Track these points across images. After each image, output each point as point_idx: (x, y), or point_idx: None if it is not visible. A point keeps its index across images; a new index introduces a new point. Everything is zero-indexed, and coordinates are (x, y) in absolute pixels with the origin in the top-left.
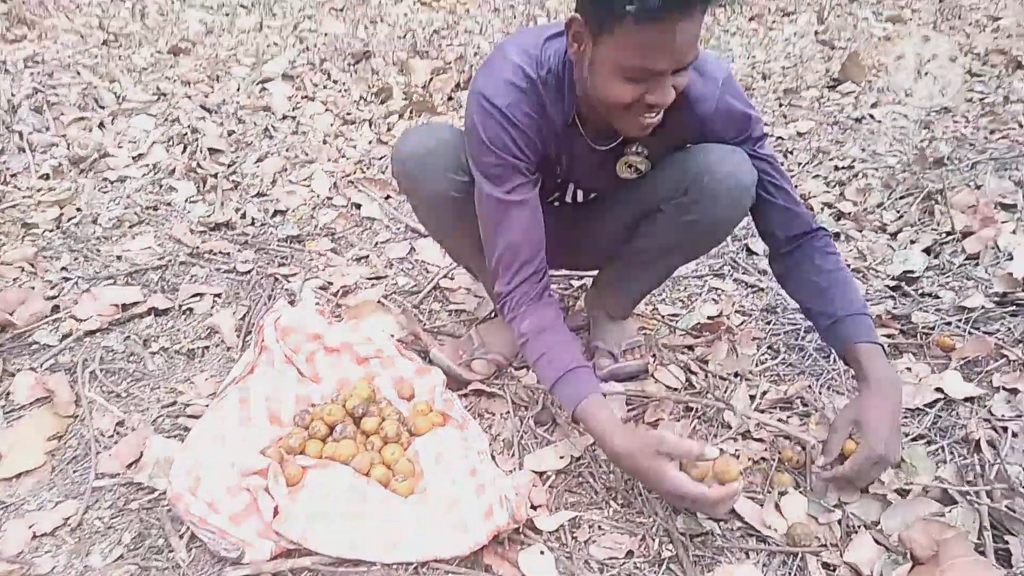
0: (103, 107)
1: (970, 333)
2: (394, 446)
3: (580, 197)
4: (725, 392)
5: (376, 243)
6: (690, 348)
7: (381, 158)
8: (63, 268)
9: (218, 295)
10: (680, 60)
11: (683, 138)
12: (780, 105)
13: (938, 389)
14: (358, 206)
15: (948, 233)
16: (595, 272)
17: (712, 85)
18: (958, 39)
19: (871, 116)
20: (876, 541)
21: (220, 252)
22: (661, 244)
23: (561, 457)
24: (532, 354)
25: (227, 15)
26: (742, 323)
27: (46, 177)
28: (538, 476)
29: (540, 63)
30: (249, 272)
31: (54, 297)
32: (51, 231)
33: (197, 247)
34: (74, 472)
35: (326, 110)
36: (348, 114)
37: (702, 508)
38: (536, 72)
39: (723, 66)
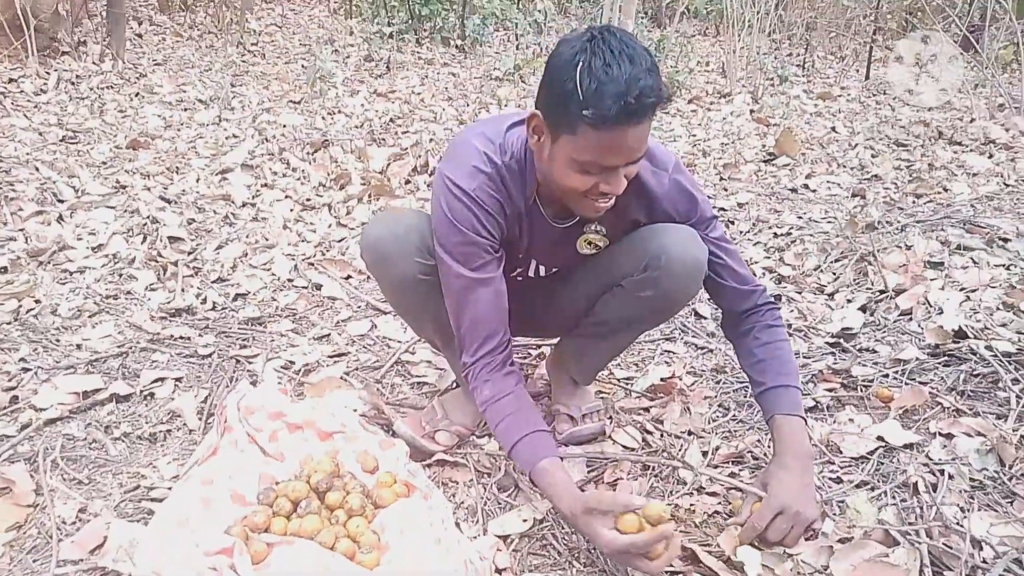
0: (62, 201)
1: (906, 384)
2: (359, 519)
3: (542, 271)
4: (680, 450)
5: (337, 321)
6: (645, 410)
7: (341, 240)
8: (21, 359)
9: (179, 379)
10: (631, 157)
11: (637, 218)
12: (720, 179)
13: (879, 437)
14: (319, 287)
15: (881, 291)
16: (555, 340)
17: (663, 172)
18: (884, 112)
19: (806, 186)
20: None
21: (181, 337)
22: (621, 316)
23: (524, 520)
24: (493, 419)
25: (185, 110)
26: (693, 383)
27: (4, 271)
28: (502, 540)
29: (503, 149)
30: (210, 355)
31: (12, 388)
32: (8, 323)
33: (158, 333)
34: (34, 561)
35: (286, 197)
36: (307, 200)
37: (640, 563)
38: (500, 158)
39: (672, 155)
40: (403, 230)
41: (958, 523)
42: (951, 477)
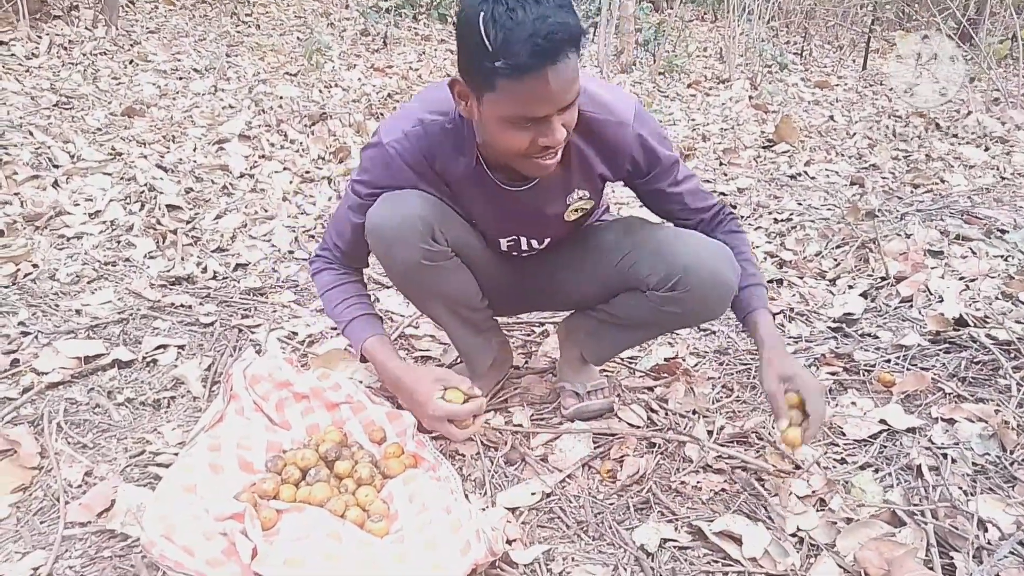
0: (57, 166)
1: (908, 369)
2: (368, 488)
3: (535, 245)
4: (685, 429)
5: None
6: (650, 389)
7: None
8: (20, 323)
9: (182, 347)
10: (561, 102)
11: (603, 172)
12: (720, 164)
13: (882, 421)
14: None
15: (882, 278)
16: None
17: (624, 124)
18: (881, 103)
19: (805, 173)
20: (837, 565)
21: (182, 305)
22: (643, 319)
23: (533, 493)
24: (330, 302)
25: (180, 79)
26: (697, 364)
27: (0, 234)
28: (511, 512)
29: (443, 111)
30: (212, 324)
31: (13, 351)
32: (6, 287)
33: (158, 301)
34: (41, 523)
35: (284, 168)
36: (307, 172)
37: (451, 429)
38: (437, 118)
39: (631, 104)
40: (406, 212)
41: (963, 505)
42: (954, 461)
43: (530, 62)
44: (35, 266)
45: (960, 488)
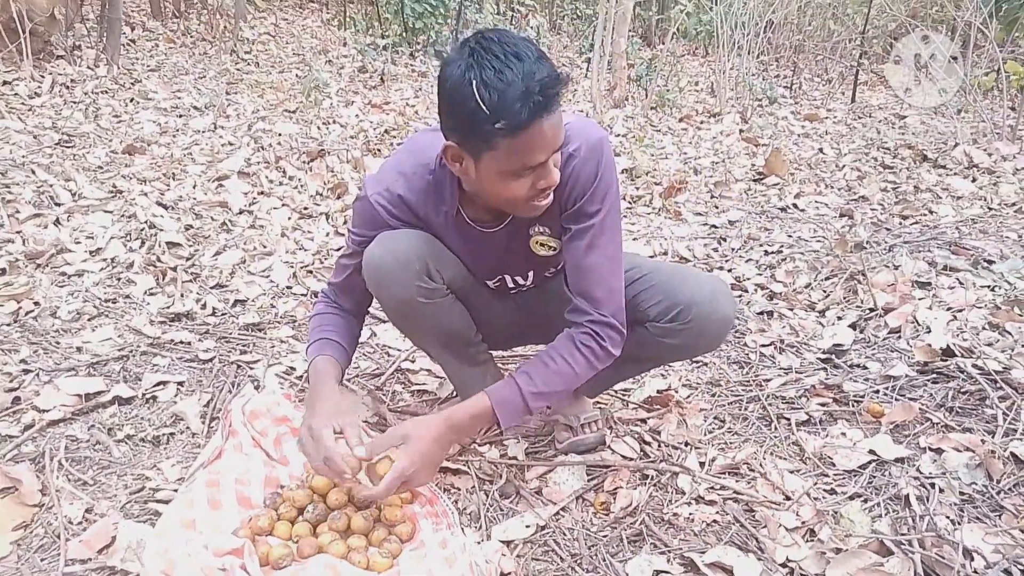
0: (59, 204)
1: (896, 400)
2: (394, 509)
3: (520, 281)
4: (677, 460)
5: None
6: (643, 421)
7: (338, 249)
8: (22, 360)
9: (181, 383)
10: (555, 145)
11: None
12: (712, 197)
13: (871, 451)
14: (317, 295)
15: (871, 309)
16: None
17: (579, 144)
18: (870, 135)
19: (795, 205)
20: None
21: (181, 342)
22: (640, 353)
23: (527, 527)
24: (312, 325)
25: (180, 116)
26: (689, 396)
27: (2, 272)
28: (505, 545)
29: (425, 164)
30: (211, 360)
31: (14, 389)
32: (8, 325)
33: (158, 337)
34: (42, 560)
35: (283, 205)
36: (305, 208)
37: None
38: (420, 172)
39: (595, 133)
40: (403, 251)
41: (950, 534)
42: (941, 490)
43: (529, 119)
44: (36, 304)
45: (947, 517)
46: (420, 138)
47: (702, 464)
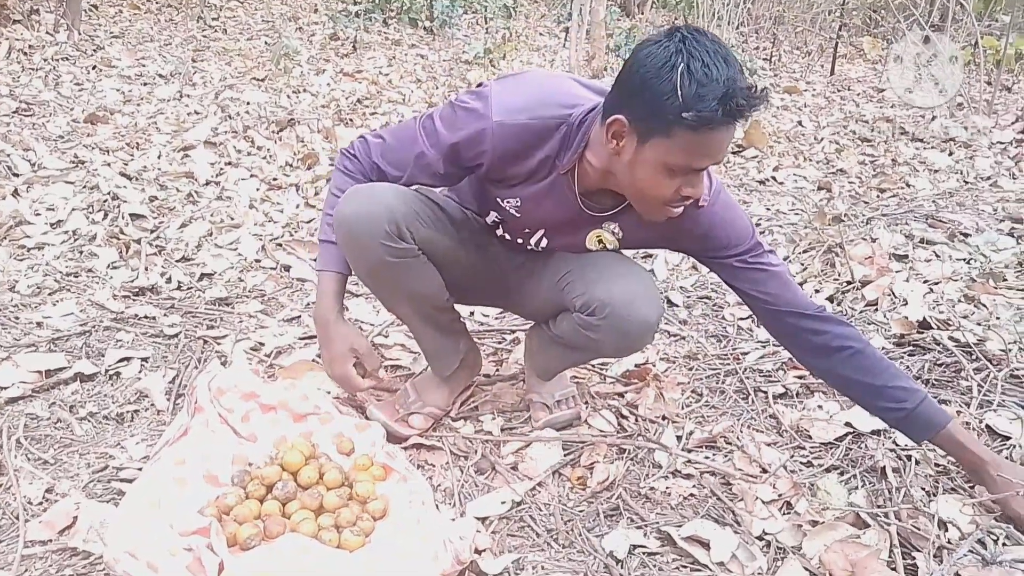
0: (17, 175)
1: None
2: (367, 484)
3: (544, 244)
4: (655, 434)
5: (308, 304)
6: (620, 395)
7: (309, 221)
8: None
9: (146, 359)
10: (720, 157)
11: (668, 236)
12: None
13: (848, 424)
14: (288, 268)
15: (848, 282)
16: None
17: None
18: (848, 108)
19: (774, 178)
20: (803, 567)
21: (146, 316)
22: (573, 341)
23: (503, 502)
24: (327, 209)
25: (145, 85)
26: (667, 370)
27: None
28: (481, 522)
29: (560, 115)
30: (177, 335)
31: None
32: None
33: (121, 312)
34: (0, 542)
35: (251, 176)
36: (274, 179)
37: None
38: (553, 120)
39: (715, 179)
40: (375, 208)
41: (926, 506)
42: (917, 463)
43: (721, 119)
44: None
45: (923, 489)
46: (556, 81)
47: (679, 438)
